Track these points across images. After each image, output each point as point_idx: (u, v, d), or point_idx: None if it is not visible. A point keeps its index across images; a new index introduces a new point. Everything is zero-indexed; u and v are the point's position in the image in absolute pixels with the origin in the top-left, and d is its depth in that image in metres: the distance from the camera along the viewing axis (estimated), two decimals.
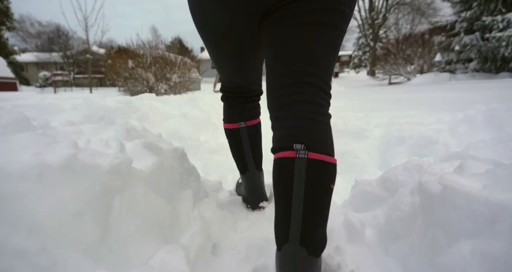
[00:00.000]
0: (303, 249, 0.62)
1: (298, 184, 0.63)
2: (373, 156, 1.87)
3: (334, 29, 0.67)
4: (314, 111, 0.68)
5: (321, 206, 0.65)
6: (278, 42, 0.69)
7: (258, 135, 1.17)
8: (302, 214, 0.62)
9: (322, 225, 0.66)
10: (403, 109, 3.44)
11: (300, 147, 0.64)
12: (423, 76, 14.23)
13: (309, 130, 0.66)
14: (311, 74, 0.67)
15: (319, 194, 0.64)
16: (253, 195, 1.22)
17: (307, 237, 0.62)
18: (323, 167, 0.65)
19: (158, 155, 1.03)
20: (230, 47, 0.85)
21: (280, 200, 0.67)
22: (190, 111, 2.47)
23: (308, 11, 0.64)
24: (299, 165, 0.63)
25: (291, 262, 0.62)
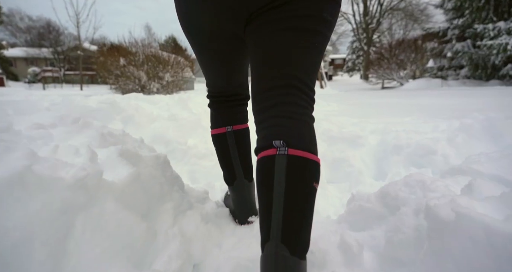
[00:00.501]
0: (284, 248, 0.59)
1: (278, 180, 0.61)
2: (368, 165, 1.79)
3: (316, 36, 0.68)
4: (297, 112, 0.68)
5: (303, 205, 0.62)
6: (262, 47, 0.69)
7: (246, 140, 1.08)
8: (283, 210, 0.60)
9: (304, 225, 0.63)
10: (398, 115, 3.39)
11: (280, 144, 0.64)
12: (416, 81, 14.36)
13: (290, 128, 0.66)
14: (294, 78, 0.68)
15: (301, 191, 0.62)
16: (242, 208, 1.12)
17: (288, 236, 0.59)
18: (304, 164, 0.63)
19: (135, 164, 0.93)
20: (216, 49, 0.84)
21: (262, 199, 0.65)
22: (179, 112, 2.36)
23: (291, 17, 0.65)
24: (279, 162, 0.62)
25: (272, 261, 0.58)
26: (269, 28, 0.67)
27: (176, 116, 2.32)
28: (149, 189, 0.93)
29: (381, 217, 0.92)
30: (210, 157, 1.79)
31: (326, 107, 5.27)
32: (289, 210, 0.60)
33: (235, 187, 1.10)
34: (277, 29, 0.66)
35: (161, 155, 1.12)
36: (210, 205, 1.21)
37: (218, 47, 0.82)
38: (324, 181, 1.68)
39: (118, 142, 1.06)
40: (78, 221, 0.65)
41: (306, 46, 0.67)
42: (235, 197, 1.12)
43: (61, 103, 1.80)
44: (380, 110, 4.33)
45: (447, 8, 15.38)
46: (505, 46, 11.28)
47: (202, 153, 1.78)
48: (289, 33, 0.66)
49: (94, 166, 0.76)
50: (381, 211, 0.92)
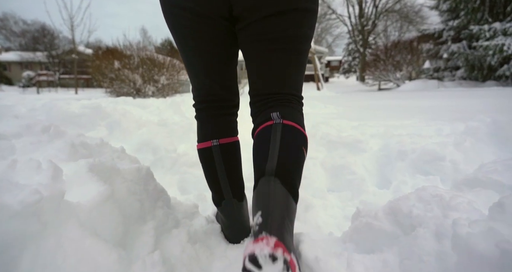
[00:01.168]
0: (277, 180, 0.64)
1: (274, 137, 0.72)
2: (371, 172, 1.68)
3: (305, 55, 0.83)
4: (291, 105, 0.81)
5: (294, 155, 0.72)
6: (256, 62, 0.82)
7: (234, 155, 0.97)
8: (278, 152, 0.69)
9: (295, 171, 0.70)
10: (397, 117, 3.29)
11: (277, 116, 0.77)
12: (412, 82, 14.33)
13: (285, 110, 0.79)
14: (288, 93, 0.82)
15: (293, 146, 0.72)
16: (232, 230, 1.00)
17: (281, 173, 0.65)
18: (296, 131, 0.76)
19: (110, 180, 0.80)
20: (204, 31, 0.79)
21: (258, 152, 0.73)
22: (171, 117, 2.23)
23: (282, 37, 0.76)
24: (275, 127, 0.74)
25: (263, 189, 0.63)
26: (260, 46, 0.78)
27: (166, 120, 2.19)
28: (125, 208, 0.80)
29: (392, 237, 0.80)
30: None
31: (323, 109, 5.17)
32: (283, 152, 0.69)
33: (223, 208, 0.97)
34: (268, 49, 0.77)
35: (142, 167, 0.99)
36: (199, 221, 1.09)
37: (207, 28, 0.79)
38: (324, 189, 1.56)
39: (93, 153, 0.94)
40: (26, 256, 0.53)
41: (295, 65, 0.81)
42: (224, 219, 1.00)
43: (40, 109, 1.67)
44: (379, 112, 4.23)
45: (442, 10, 15.42)
46: (501, 47, 11.28)
47: (193, 161, 1.66)
48: (281, 53, 0.78)
49: (55, 185, 0.64)
50: (392, 231, 0.80)
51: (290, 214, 0.63)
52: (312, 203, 1.37)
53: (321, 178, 1.65)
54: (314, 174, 1.64)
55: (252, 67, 0.83)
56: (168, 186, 1.54)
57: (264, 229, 0.54)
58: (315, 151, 1.86)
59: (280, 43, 0.76)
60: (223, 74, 0.89)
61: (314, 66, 16.32)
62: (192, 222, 1.08)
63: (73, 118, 1.64)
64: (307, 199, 1.38)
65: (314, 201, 1.43)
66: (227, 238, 1.02)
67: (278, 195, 0.62)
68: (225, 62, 0.87)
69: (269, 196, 0.61)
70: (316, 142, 1.99)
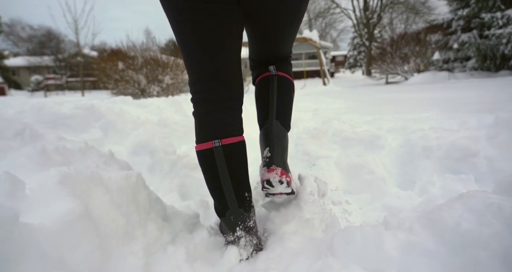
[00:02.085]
0: (277, 122, 0.95)
1: (273, 87, 0.99)
2: (391, 171, 1.52)
3: (303, 14, 0.93)
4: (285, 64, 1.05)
5: (287, 99, 1.01)
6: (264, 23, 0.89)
7: (240, 158, 0.84)
8: (276, 101, 0.97)
9: (288, 111, 1.01)
10: (413, 110, 3.09)
11: (273, 69, 1.02)
12: (421, 75, 13.95)
13: (280, 63, 1.03)
14: (288, 53, 1.05)
15: (286, 93, 1.01)
16: (239, 243, 0.86)
17: (280, 115, 0.96)
18: (287, 81, 1.02)
19: (85, 193, 0.66)
20: (210, 11, 0.75)
21: (261, 98, 1.00)
22: (171, 116, 2.10)
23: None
24: (272, 78, 1.00)
25: (272, 126, 0.94)
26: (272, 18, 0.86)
27: (166, 120, 2.05)
28: (106, 226, 0.66)
29: (436, 258, 0.64)
30: None
31: (332, 104, 4.98)
32: (280, 101, 0.97)
33: (228, 219, 0.83)
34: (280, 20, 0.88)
35: (132, 174, 0.85)
36: (200, 234, 0.94)
37: (210, 11, 0.74)
38: (340, 192, 1.41)
39: (74, 160, 0.80)
40: None
41: (297, 25, 0.94)
42: (229, 231, 0.86)
43: (29, 110, 1.55)
44: (391, 106, 4.03)
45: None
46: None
47: (194, 163, 1.52)
48: (289, 14, 0.87)
49: (9, 204, 0.50)
50: (435, 249, 0.65)
51: (286, 144, 0.97)
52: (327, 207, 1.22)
53: (337, 179, 1.49)
54: (328, 174, 1.48)
55: (259, 36, 0.95)
56: (167, 191, 1.41)
57: (273, 163, 0.86)
58: (327, 150, 1.70)
59: (291, 15, 0.88)
60: (228, 56, 0.80)
61: (319, 62, 16.06)
62: (192, 236, 0.93)
63: (64, 119, 1.52)
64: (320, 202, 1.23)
65: (329, 204, 1.28)
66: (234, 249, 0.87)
67: (279, 133, 0.93)
68: (231, 42, 0.80)
69: (272, 135, 0.92)
70: (329, 139, 1.83)
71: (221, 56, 0.79)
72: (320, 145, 1.73)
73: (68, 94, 27.49)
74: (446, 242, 0.64)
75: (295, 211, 1.11)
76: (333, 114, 2.78)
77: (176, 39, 0.81)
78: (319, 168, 1.52)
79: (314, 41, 14.98)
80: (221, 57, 0.79)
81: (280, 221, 1.00)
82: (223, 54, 0.79)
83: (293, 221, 0.99)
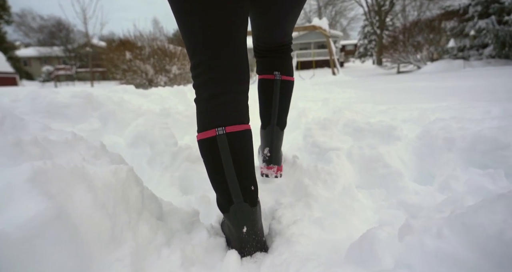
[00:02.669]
0: (277, 127, 1.15)
1: (275, 92, 1.12)
2: (409, 165, 1.40)
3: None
4: (287, 52, 1.15)
5: (287, 104, 1.17)
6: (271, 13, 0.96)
7: (246, 147, 0.75)
8: (278, 107, 1.13)
9: (286, 115, 1.17)
10: (429, 99, 2.93)
11: (277, 73, 1.12)
12: (435, 63, 13.48)
13: (283, 62, 1.13)
14: (290, 38, 1.14)
15: (287, 97, 1.15)
16: (242, 243, 0.77)
17: (279, 120, 1.15)
18: (289, 84, 1.15)
19: (63, 192, 0.58)
20: None
21: (265, 101, 1.14)
22: (174, 106, 2.01)
23: None
24: (276, 83, 1.12)
25: (272, 132, 1.15)
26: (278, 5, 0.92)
27: (169, 110, 1.97)
28: (87, 231, 0.58)
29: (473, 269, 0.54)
30: None
31: (342, 94, 4.82)
32: (280, 107, 1.14)
33: (232, 215, 0.75)
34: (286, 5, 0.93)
35: (122, 169, 0.77)
36: (199, 234, 0.86)
37: None
38: (351, 187, 1.30)
39: (54, 153, 0.71)
40: None
41: (301, 8, 0.98)
42: (232, 228, 0.77)
43: (24, 99, 1.48)
44: (405, 94, 3.85)
45: None
46: None
47: (197, 155, 1.43)
48: (296, 10, 0.97)
49: None
50: (474, 262, 0.54)
51: (281, 142, 1.20)
52: (338, 205, 1.12)
53: (348, 173, 1.39)
54: (339, 168, 1.38)
55: (264, 23, 1.01)
56: (167, 185, 1.33)
57: (272, 162, 1.16)
58: (338, 141, 1.59)
59: (295, 4, 0.94)
60: (234, 34, 0.73)
61: (329, 51, 15.69)
62: (190, 236, 0.85)
63: (60, 109, 1.44)
64: (331, 199, 1.13)
65: (341, 202, 1.18)
66: (236, 250, 0.79)
67: (278, 136, 1.16)
68: (237, 21, 0.73)
69: (272, 137, 1.15)
70: (340, 130, 1.71)
71: (227, 34, 0.72)
72: (330, 136, 1.62)
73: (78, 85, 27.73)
74: (486, 253, 0.54)
75: (304, 210, 1.01)
76: (343, 104, 2.65)
77: (177, 20, 0.74)
78: (329, 161, 1.41)
79: (323, 29, 14.60)
80: (227, 35, 0.72)
81: (287, 221, 0.91)
82: (228, 32, 0.72)
83: (302, 221, 0.90)
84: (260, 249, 0.80)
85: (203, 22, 0.70)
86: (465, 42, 14.10)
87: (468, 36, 13.70)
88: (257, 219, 0.78)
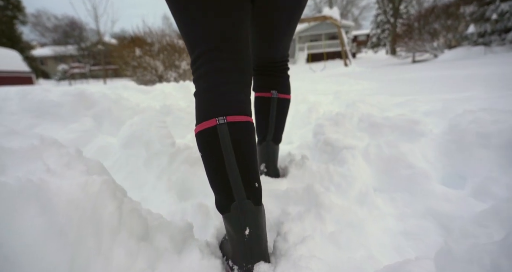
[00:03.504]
0: (272, 143, 1.20)
1: (273, 111, 1.15)
2: (435, 165, 1.23)
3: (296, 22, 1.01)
4: (284, 71, 1.17)
5: (283, 121, 1.20)
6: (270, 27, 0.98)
7: (248, 139, 0.69)
8: (274, 124, 1.17)
9: (282, 130, 1.22)
10: (451, 89, 2.70)
11: (275, 92, 1.14)
12: (453, 51, 12.85)
13: (279, 80, 1.15)
14: (286, 55, 1.14)
15: (283, 115, 1.18)
16: (243, 248, 0.65)
17: (275, 137, 1.19)
18: (285, 102, 1.17)
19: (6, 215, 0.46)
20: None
21: (261, 119, 1.17)
22: (175, 103, 1.89)
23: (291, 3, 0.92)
24: (273, 100, 1.14)
25: (268, 147, 1.20)
26: (278, 15, 0.93)
27: (170, 107, 1.84)
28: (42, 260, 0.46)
29: None
30: None
31: (355, 85, 4.59)
32: (277, 124, 1.18)
33: (232, 214, 0.67)
34: (285, 19, 0.95)
35: (94, 181, 0.64)
36: (190, 254, 0.73)
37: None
38: (369, 191, 1.15)
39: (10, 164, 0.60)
40: None
41: (294, 26, 1.01)
42: (232, 232, 0.67)
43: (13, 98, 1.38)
44: (424, 85, 3.60)
45: None
46: None
47: (196, 156, 1.31)
48: (292, 23, 0.99)
49: None
50: None
51: (277, 157, 1.25)
52: (355, 214, 0.97)
53: (364, 175, 1.23)
54: (355, 169, 1.22)
55: (263, 34, 1.00)
56: (163, 191, 1.21)
57: (268, 176, 1.23)
58: (353, 139, 1.43)
59: (295, 13, 0.92)
60: (236, 25, 0.70)
61: (340, 41, 15.26)
62: (180, 257, 0.72)
63: (51, 108, 1.34)
64: (346, 209, 0.98)
65: (357, 209, 1.03)
66: (235, 264, 0.67)
67: (274, 151, 1.22)
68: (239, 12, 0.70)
69: (268, 154, 1.21)
70: (354, 126, 1.54)
71: (228, 28, 0.68)
72: (344, 133, 1.46)
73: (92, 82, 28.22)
74: None
75: (315, 222, 0.87)
76: (357, 96, 2.46)
77: (175, 15, 0.71)
78: (343, 162, 1.26)
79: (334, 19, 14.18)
80: (228, 29, 0.68)
81: (295, 238, 0.77)
82: (229, 26, 0.68)
83: (313, 238, 0.75)
84: (263, 258, 0.67)
85: (200, 12, 0.67)
86: (486, 27, 13.37)
87: (489, 20, 12.97)
88: (261, 221, 0.68)
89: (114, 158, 1.30)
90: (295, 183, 1.17)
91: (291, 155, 1.40)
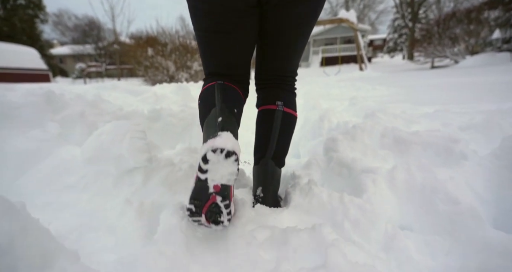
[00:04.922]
0: (272, 162, 1.00)
1: (276, 124, 1.01)
2: (484, 198, 0.94)
3: (307, 37, 1.01)
4: (290, 88, 1.08)
5: (287, 142, 1.05)
6: (278, 42, 0.97)
7: (235, 98, 0.94)
8: (276, 142, 1.01)
9: (286, 151, 1.05)
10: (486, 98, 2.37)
11: (280, 103, 1.03)
12: (475, 57, 12.25)
13: (286, 95, 1.05)
14: (294, 72, 1.09)
15: (287, 132, 1.04)
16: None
17: (276, 155, 1.01)
18: (292, 118, 1.05)
19: None
20: (234, 21, 0.86)
21: (262, 133, 1.03)
22: (167, 107, 1.65)
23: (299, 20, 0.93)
24: (278, 114, 1.02)
25: (263, 169, 0.99)
26: (286, 30, 0.94)
27: (161, 111, 1.60)
28: None
29: None
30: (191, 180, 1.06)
31: (371, 91, 4.27)
32: (280, 141, 1.01)
33: (211, 117, 0.85)
34: (293, 34, 0.95)
35: None
36: None
37: (234, 21, 0.86)
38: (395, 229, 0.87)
39: None
40: None
41: (305, 43, 1.02)
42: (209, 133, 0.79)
43: None
44: (451, 92, 3.25)
45: None
46: None
47: (179, 175, 1.06)
48: (301, 38, 0.98)
49: None
50: None
51: (279, 179, 1.04)
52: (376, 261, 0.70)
53: (389, 208, 0.95)
54: (377, 201, 0.94)
55: (271, 49, 1.00)
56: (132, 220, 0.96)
57: (264, 203, 0.95)
58: (374, 158, 1.15)
59: (302, 28, 0.94)
60: (244, 53, 0.95)
61: (356, 45, 14.84)
62: None
63: (12, 110, 1.13)
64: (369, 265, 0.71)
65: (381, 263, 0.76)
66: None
67: (272, 173, 1.00)
68: (250, 46, 0.97)
69: (265, 175, 0.99)
70: (374, 142, 1.26)
71: (233, 58, 0.96)
72: (363, 151, 1.18)
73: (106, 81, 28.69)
74: None
75: None
76: (376, 104, 2.17)
77: (196, 38, 0.94)
78: (362, 190, 0.98)
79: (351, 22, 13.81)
80: (233, 58, 0.96)
81: None
82: (234, 56, 0.95)
83: None
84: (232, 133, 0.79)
85: (214, 50, 0.93)
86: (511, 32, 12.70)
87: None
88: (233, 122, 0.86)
89: (79, 174, 1.06)
90: (298, 218, 0.90)
91: (296, 177, 1.13)
